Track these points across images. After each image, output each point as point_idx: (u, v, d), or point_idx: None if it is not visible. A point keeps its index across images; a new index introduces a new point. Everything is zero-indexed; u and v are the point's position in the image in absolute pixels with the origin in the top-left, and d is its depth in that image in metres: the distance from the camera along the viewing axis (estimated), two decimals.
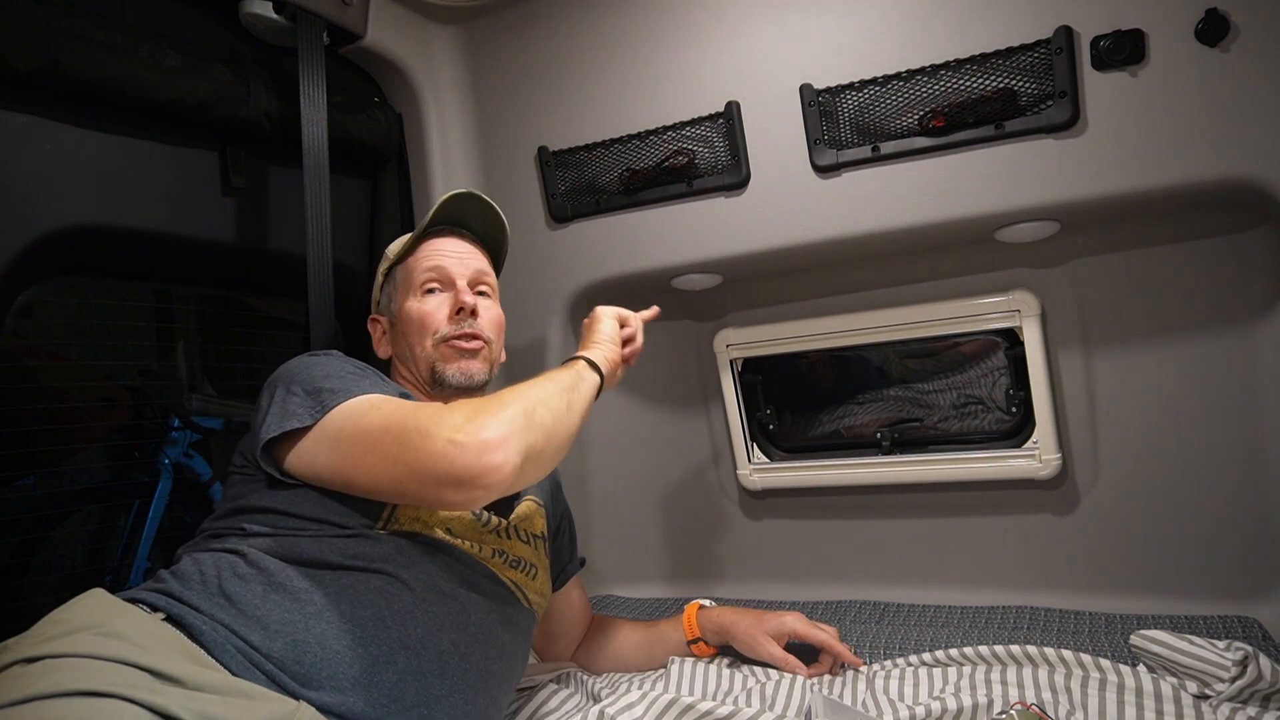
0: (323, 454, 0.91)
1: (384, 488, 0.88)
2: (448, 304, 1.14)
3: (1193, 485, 1.39)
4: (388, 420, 0.88)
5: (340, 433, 0.90)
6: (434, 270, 1.16)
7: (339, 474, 0.91)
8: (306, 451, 0.92)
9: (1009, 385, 1.51)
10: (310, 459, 0.92)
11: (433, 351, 1.13)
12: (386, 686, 0.84)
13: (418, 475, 0.83)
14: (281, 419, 0.93)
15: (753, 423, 1.74)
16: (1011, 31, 1.22)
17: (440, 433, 0.82)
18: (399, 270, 1.20)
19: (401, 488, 0.86)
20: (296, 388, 0.96)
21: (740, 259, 1.50)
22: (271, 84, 1.33)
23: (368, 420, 0.90)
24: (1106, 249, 1.41)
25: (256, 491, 0.97)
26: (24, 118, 1.08)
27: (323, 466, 0.91)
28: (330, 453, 0.91)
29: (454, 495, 0.83)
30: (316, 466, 0.92)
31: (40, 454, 2.05)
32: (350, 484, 0.91)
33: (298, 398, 0.95)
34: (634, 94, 1.49)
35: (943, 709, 0.99)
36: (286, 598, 0.85)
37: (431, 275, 1.16)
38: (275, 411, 0.94)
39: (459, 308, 1.13)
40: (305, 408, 0.93)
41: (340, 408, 0.92)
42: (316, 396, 0.94)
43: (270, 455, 0.95)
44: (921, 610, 1.47)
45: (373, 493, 0.91)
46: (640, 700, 0.98)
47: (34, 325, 2.19)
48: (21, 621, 0.78)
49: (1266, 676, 0.98)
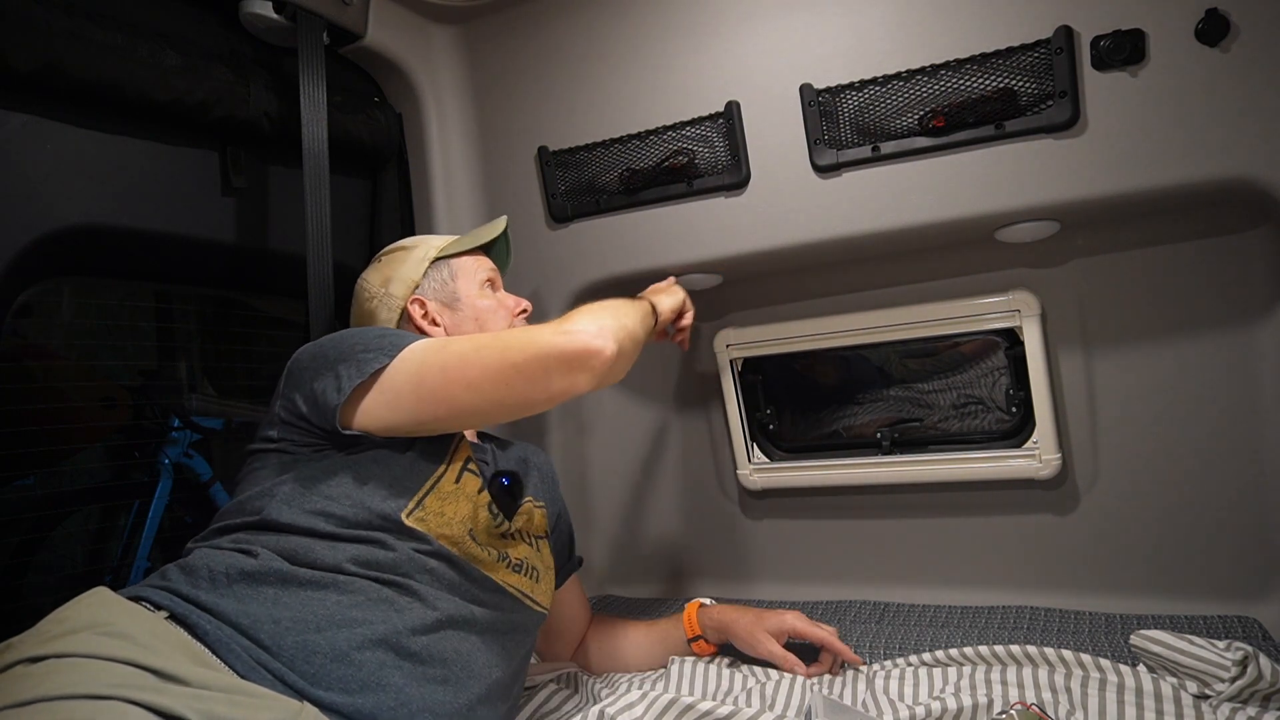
0: (406, 385, 0.96)
1: (486, 395, 0.95)
2: (510, 302, 1.27)
3: (1193, 485, 1.39)
4: (480, 339, 0.98)
5: (424, 366, 0.96)
6: (493, 272, 1.29)
7: (429, 403, 0.96)
8: (383, 395, 0.96)
9: (1009, 385, 1.51)
10: (391, 395, 0.96)
11: None
12: (393, 690, 0.85)
13: (526, 368, 0.93)
14: (359, 370, 0.95)
15: (753, 423, 1.74)
16: (1011, 31, 1.22)
17: (542, 333, 0.95)
18: (454, 263, 1.26)
19: (508, 389, 0.94)
20: (348, 348, 0.99)
21: (740, 259, 1.50)
22: (271, 84, 1.33)
23: (456, 344, 0.98)
24: (1106, 249, 1.41)
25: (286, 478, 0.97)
26: (24, 118, 1.07)
27: (409, 397, 0.96)
28: (416, 383, 0.96)
29: (561, 380, 0.94)
30: (401, 401, 0.96)
31: (40, 454, 2.05)
32: (441, 408, 0.96)
33: (360, 354, 0.97)
34: (634, 94, 1.49)
35: (943, 709, 0.99)
36: (298, 600, 0.86)
37: (492, 275, 1.28)
38: (344, 371, 0.96)
39: (523, 309, 1.27)
40: (375, 354, 0.97)
41: (412, 348, 0.97)
42: (380, 344, 0.98)
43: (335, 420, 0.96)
44: (921, 610, 1.47)
45: (467, 410, 0.97)
46: (640, 700, 0.98)
47: (34, 325, 2.19)
48: (21, 622, 0.78)
49: (1266, 676, 0.98)
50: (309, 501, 0.94)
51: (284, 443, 1.00)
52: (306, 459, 0.99)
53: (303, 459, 0.99)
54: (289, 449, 1.00)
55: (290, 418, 1.00)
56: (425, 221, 1.66)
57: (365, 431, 0.97)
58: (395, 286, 1.23)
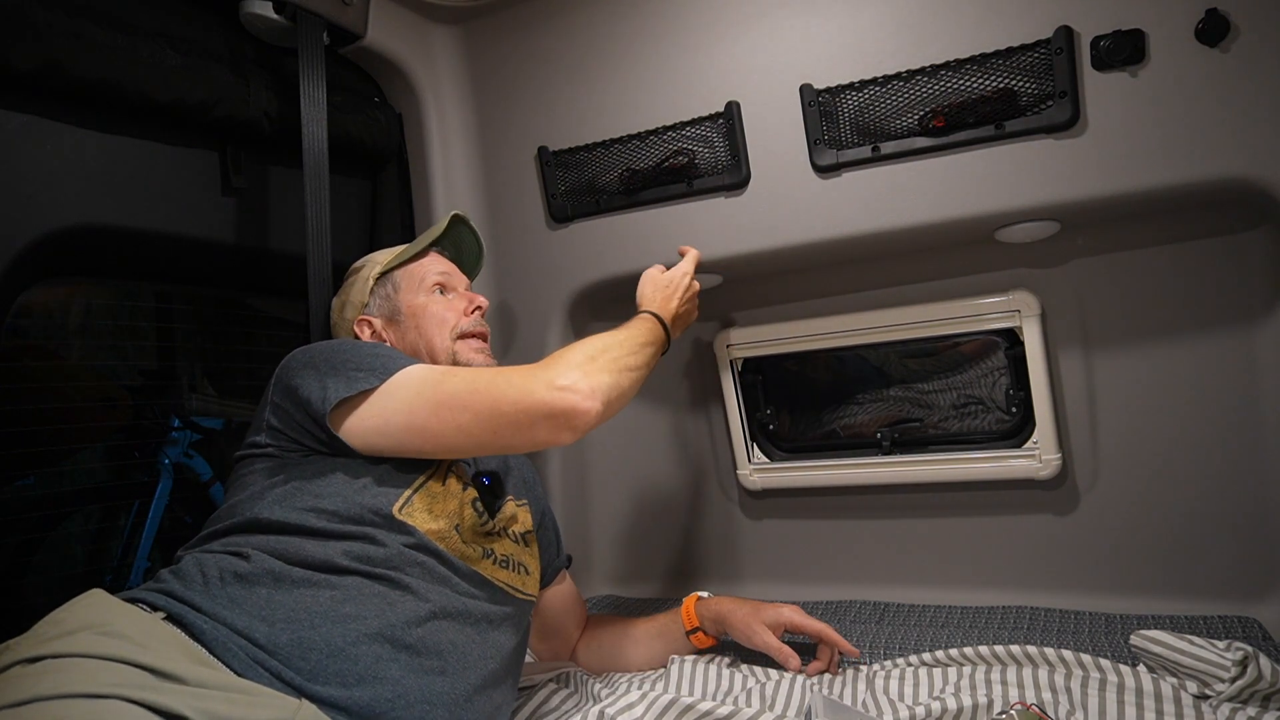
0: (397, 414, 0.98)
1: (473, 437, 0.98)
2: (460, 302, 1.24)
3: (1193, 485, 1.39)
4: (475, 382, 0.98)
5: (419, 395, 0.98)
6: (443, 275, 1.26)
7: (416, 435, 0.98)
8: (372, 413, 0.98)
9: (1009, 385, 1.51)
10: (379, 420, 0.98)
11: (454, 345, 1.20)
12: (391, 683, 0.85)
13: (515, 420, 0.96)
14: (348, 384, 0.98)
15: (753, 423, 1.74)
16: (1011, 31, 1.22)
17: (536, 386, 0.96)
18: (398, 275, 1.26)
19: (494, 436, 0.97)
20: (341, 362, 1.01)
21: (740, 259, 1.50)
22: (271, 84, 1.33)
23: (451, 383, 0.99)
24: (1106, 249, 1.41)
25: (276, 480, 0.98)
26: (24, 118, 1.08)
27: (398, 426, 0.98)
28: (407, 414, 0.98)
29: (546, 434, 0.97)
30: (389, 427, 0.98)
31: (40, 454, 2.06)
32: (429, 443, 0.99)
33: (351, 371, 0.99)
34: (634, 94, 1.49)
35: (943, 709, 0.99)
36: (291, 598, 0.86)
37: (441, 279, 1.25)
38: (331, 384, 0.98)
39: (475, 307, 1.24)
40: (365, 374, 0.99)
41: (406, 372, 1.00)
42: (373, 364, 1.00)
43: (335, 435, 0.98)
44: (921, 610, 1.47)
45: (451, 447, 0.99)
46: (640, 700, 0.98)
47: (34, 325, 2.19)
48: (21, 622, 0.78)
49: (1266, 676, 0.98)
50: (300, 500, 0.95)
51: (271, 447, 1.01)
52: (295, 462, 1.00)
53: (291, 462, 1.00)
54: (276, 453, 1.01)
55: (279, 423, 1.01)
56: (425, 222, 1.66)
57: (348, 444, 0.99)
58: (348, 311, 1.26)
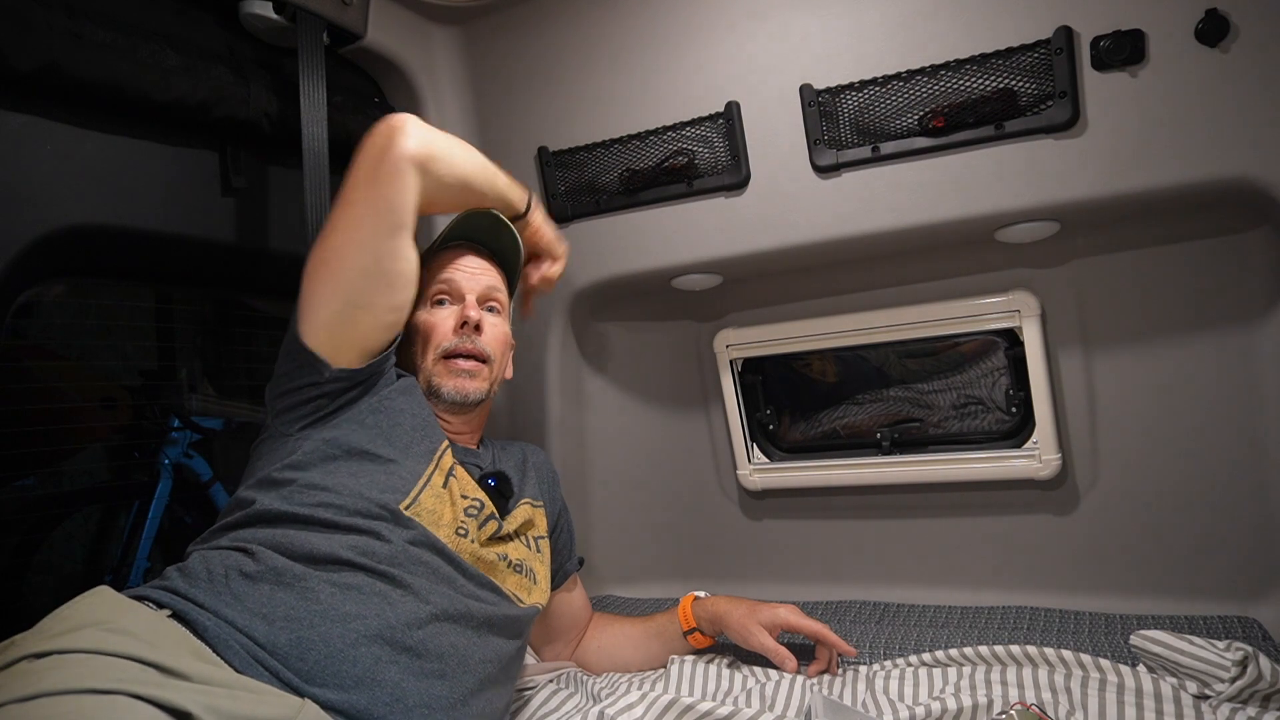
0: (309, 287, 1.02)
1: (358, 215, 1.02)
2: (454, 317, 1.15)
3: (1192, 485, 1.39)
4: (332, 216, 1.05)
5: (315, 254, 1.03)
6: (445, 283, 1.17)
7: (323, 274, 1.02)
8: (306, 300, 1.02)
9: (1009, 385, 1.51)
10: (305, 301, 1.02)
11: (431, 367, 1.14)
12: (389, 686, 0.85)
13: (359, 197, 1.02)
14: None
15: (753, 423, 1.74)
16: (1011, 31, 1.22)
17: (359, 161, 1.03)
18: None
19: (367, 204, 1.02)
20: None
21: (740, 259, 1.50)
22: (271, 84, 1.33)
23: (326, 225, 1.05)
24: (1106, 249, 1.41)
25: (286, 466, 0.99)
26: (24, 118, 1.07)
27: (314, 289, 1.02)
28: (310, 276, 1.02)
29: (388, 181, 1.01)
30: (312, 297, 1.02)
31: (40, 454, 2.06)
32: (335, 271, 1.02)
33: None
34: (634, 94, 1.49)
35: (943, 709, 0.99)
36: (293, 595, 0.86)
37: (443, 287, 1.17)
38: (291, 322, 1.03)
39: (463, 321, 1.14)
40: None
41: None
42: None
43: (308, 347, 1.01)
44: (921, 610, 1.47)
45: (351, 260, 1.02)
46: (640, 701, 0.98)
47: (34, 325, 2.19)
48: (22, 621, 0.78)
49: (1266, 676, 0.98)
50: (308, 495, 0.95)
51: (275, 425, 1.03)
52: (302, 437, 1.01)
53: (295, 437, 1.01)
54: (282, 428, 1.02)
55: (278, 391, 1.03)
56: (424, 221, 1.66)
57: (324, 357, 1.00)
58: None
